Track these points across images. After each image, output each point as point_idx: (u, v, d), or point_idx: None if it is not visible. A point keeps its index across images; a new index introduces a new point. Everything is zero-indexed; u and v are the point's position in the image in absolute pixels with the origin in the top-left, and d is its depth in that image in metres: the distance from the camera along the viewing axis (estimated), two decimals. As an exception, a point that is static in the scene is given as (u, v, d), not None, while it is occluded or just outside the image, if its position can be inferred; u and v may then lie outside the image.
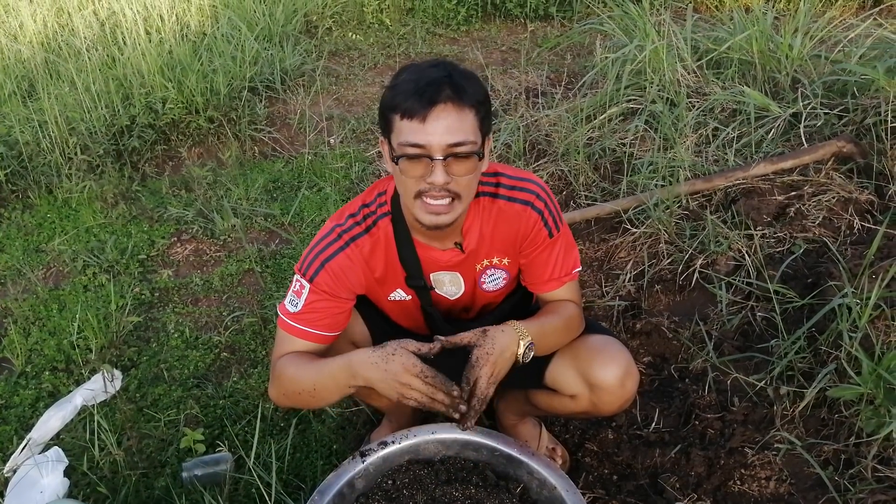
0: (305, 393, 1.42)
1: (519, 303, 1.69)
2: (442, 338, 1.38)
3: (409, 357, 1.31)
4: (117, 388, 2.19)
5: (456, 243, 1.48)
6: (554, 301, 1.58)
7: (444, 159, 1.27)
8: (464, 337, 1.38)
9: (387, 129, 1.32)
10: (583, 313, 1.61)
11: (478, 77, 1.33)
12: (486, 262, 1.54)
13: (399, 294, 1.57)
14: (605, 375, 1.49)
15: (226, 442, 1.95)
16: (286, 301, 1.49)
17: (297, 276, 1.49)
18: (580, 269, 1.61)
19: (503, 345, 1.37)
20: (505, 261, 1.55)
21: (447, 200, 1.32)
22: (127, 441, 2.02)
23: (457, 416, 1.34)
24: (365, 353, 1.34)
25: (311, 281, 1.46)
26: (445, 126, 1.25)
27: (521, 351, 1.40)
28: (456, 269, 1.53)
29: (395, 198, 1.45)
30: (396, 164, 1.30)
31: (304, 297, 1.46)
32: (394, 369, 1.30)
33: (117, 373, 2.24)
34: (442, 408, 1.32)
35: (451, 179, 1.30)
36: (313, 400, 1.44)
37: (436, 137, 1.25)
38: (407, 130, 1.26)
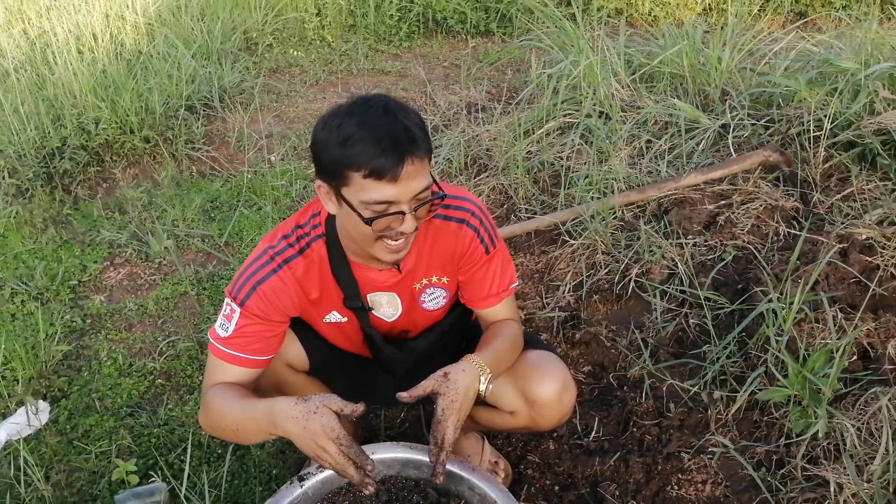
0: (229, 430, 1.38)
1: (459, 318, 1.69)
2: (404, 394, 1.35)
3: (329, 419, 1.25)
4: (44, 421, 2.11)
5: (393, 263, 1.47)
6: (496, 322, 1.59)
7: (415, 210, 1.29)
8: (426, 387, 1.36)
9: (337, 180, 1.27)
10: (521, 328, 1.62)
11: (414, 110, 1.33)
12: (424, 281, 1.54)
13: (335, 316, 1.55)
14: (542, 391, 1.51)
15: (159, 472, 1.89)
16: (216, 325, 1.46)
17: (227, 300, 1.45)
18: (517, 283, 1.63)
19: (466, 386, 1.36)
20: (444, 279, 1.56)
21: (404, 238, 1.34)
22: (56, 475, 1.94)
23: (365, 491, 1.31)
24: (288, 404, 1.28)
25: (241, 304, 1.42)
26: (413, 179, 1.26)
27: (483, 387, 1.40)
28: (393, 290, 1.53)
29: (330, 219, 1.44)
30: (369, 224, 1.27)
31: (234, 321, 1.43)
32: (312, 429, 1.25)
33: (44, 404, 2.15)
34: (352, 480, 1.29)
35: (417, 224, 1.31)
36: (237, 438, 1.41)
37: (406, 192, 1.26)
38: (374, 189, 1.24)
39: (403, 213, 1.28)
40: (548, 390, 1.51)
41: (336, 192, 1.30)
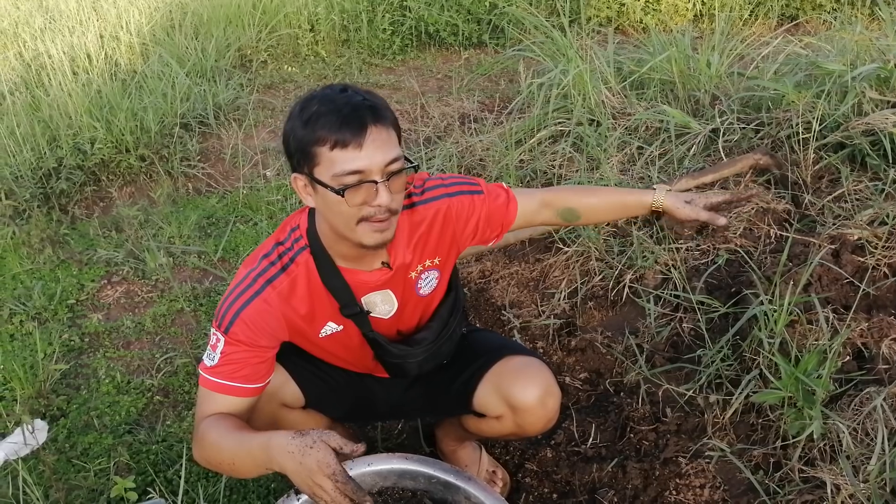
0: (225, 464, 1.34)
1: (454, 304, 1.67)
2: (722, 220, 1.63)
3: (326, 454, 1.20)
4: (42, 440, 2.11)
5: (383, 262, 1.46)
6: (546, 197, 1.66)
7: (387, 180, 1.28)
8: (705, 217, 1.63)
9: (308, 162, 1.29)
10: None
11: (380, 96, 1.35)
12: (419, 268, 1.53)
13: (330, 327, 1.52)
14: (525, 397, 1.51)
15: (157, 488, 1.90)
16: (204, 357, 1.42)
17: (212, 330, 1.42)
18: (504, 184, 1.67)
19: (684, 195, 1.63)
20: (436, 260, 1.55)
21: (386, 216, 1.33)
22: (55, 494, 1.94)
23: None
24: (284, 439, 1.24)
25: (226, 332, 1.38)
26: (380, 147, 1.26)
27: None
28: (386, 287, 1.50)
29: (311, 230, 1.42)
30: (341, 195, 1.27)
31: (219, 349, 1.39)
32: (308, 465, 1.20)
33: (41, 423, 2.16)
34: None
35: (392, 198, 1.31)
36: (233, 473, 1.36)
37: (375, 160, 1.26)
38: (342, 159, 1.25)
39: (376, 183, 1.27)
40: (530, 395, 1.52)
41: (310, 178, 1.30)
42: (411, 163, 1.35)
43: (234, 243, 3.10)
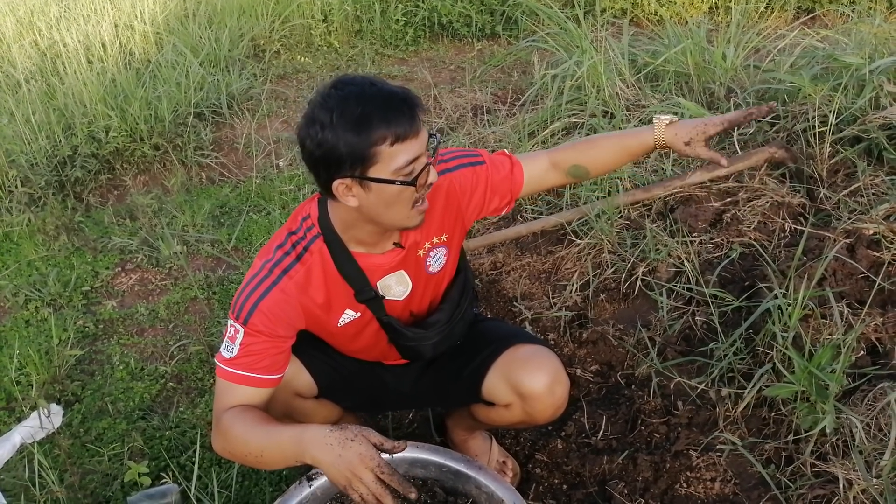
0: (252, 456, 1.33)
1: (465, 284, 1.67)
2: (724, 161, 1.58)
3: (368, 448, 1.20)
4: (57, 425, 2.14)
5: (395, 243, 1.47)
6: (552, 155, 1.64)
7: (433, 156, 1.32)
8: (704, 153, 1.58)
9: (363, 164, 1.25)
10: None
11: None
12: (427, 246, 1.53)
13: (349, 315, 1.52)
14: (533, 384, 1.52)
15: (171, 473, 1.92)
16: (221, 349, 1.42)
17: (230, 321, 1.41)
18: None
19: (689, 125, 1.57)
20: (443, 237, 1.55)
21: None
22: (69, 477, 1.97)
23: None
24: (320, 432, 1.23)
25: (245, 323, 1.38)
26: (422, 130, 1.30)
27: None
28: (399, 268, 1.51)
29: (323, 218, 1.42)
30: (413, 184, 1.28)
31: (238, 340, 1.39)
32: (349, 457, 1.19)
33: (56, 408, 2.18)
34: None
35: None
36: (259, 464, 1.35)
37: (423, 143, 1.29)
38: (403, 151, 1.26)
39: (429, 164, 1.31)
40: (539, 383, 1.53)
41: (360, 180, 1.27)
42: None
43: (248, 232, 3.11)
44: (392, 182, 1.27)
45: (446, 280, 1.63)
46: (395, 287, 1.53)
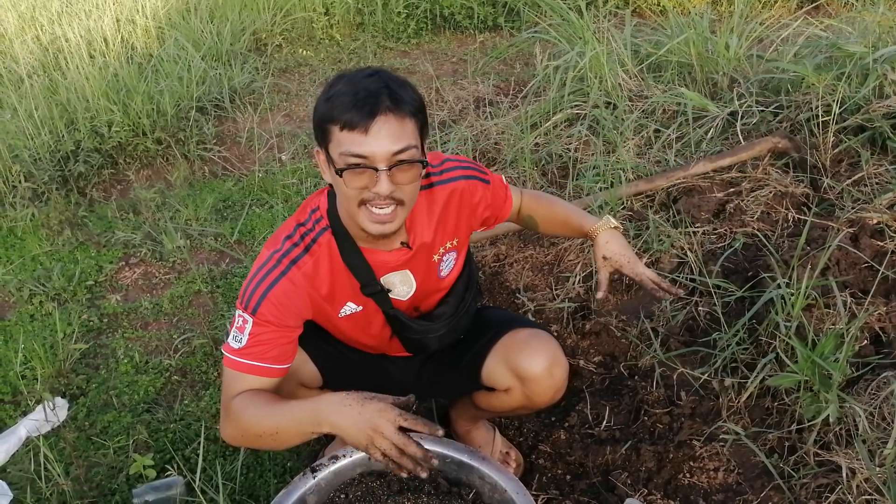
0: (267, 436, 1.33)
1: (469, 278, 1.68)
2: (600, 295, 1.66)
3: (385, 403, 1.23)
4: (62, 418, 2.14)
5: (402, 243, 1.47)
6: (530, 203, 1.74)
7: (389, 169, 1.27)
8: (605, 279, 1.65)
9: (324, 139, 1.31)
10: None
11: (412, 84, 1.34)
12: (441, 251, 1.54)
13: (350, 307, 1.53)
14: (532, 367, 1.53)
15: (175, 466, 1.93)
16: (229, 339, 1.42)
17: (238, 311, 1.41)
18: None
19: (621, 245, 1.66)
20: (455, 241, 1.56)
21: (391, 208, 1.32)
22: (75, 470, 1.98)
23: (423, 474, 1.22)
24: (337, 396, 1.25)
25: (253, 313, 1.38)
26: (388, 135, 1.25)
27: (617, 223, 1.70)
28: (405, 267, 1.51)
29: (332, 211, 1.43)
30: (340, 175, 1.28)
31: (247, 330, 1.39)
32: (368, 413, 1.22)
33: (62, 401, 2.19)
34: (409, 465, 1.21)
35: (395, 188, 1.29)
36: (274, 443, 1.35)
37: (379, 147, 1.25)
38: (348, 141, 1.25)
39: (376, 170, 1.27)
40: (537, 365, 1.54)
41: (327, 155, 1.32)
42: (423, 159, 1.34)
43: (251, 226, 3.11)
44: (330, 161, 1.30)
45: (452, 280, 1.64)
46: (399, 286, 1.54)
